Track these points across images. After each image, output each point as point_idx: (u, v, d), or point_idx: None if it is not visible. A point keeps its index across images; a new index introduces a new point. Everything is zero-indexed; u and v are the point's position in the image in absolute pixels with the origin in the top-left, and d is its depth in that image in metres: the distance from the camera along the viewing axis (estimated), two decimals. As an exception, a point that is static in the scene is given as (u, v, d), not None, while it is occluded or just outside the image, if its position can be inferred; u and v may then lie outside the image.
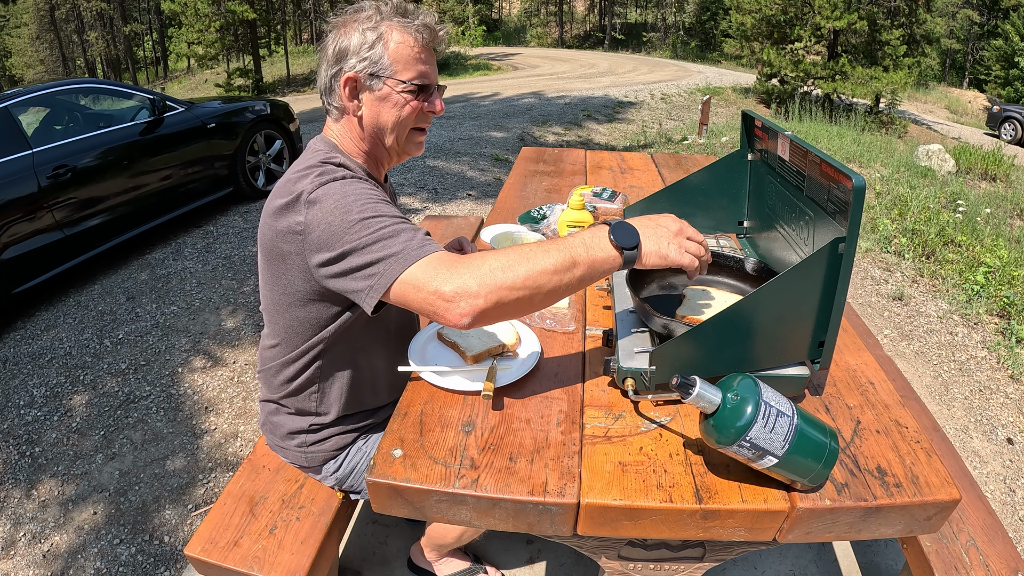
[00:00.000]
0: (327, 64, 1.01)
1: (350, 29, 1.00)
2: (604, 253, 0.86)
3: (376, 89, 1.00)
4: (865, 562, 1.73)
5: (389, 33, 0.99)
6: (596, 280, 0.88)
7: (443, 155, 6.20)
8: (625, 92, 11.45)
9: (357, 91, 1.01)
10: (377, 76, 0.99)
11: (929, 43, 13.54)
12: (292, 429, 1.23)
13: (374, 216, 0.89)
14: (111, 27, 29.18)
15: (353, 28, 0.99)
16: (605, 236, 0.86)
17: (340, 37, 1.00)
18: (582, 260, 0.85)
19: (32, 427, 2.35)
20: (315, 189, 0.92)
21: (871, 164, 6.11)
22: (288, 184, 0.97)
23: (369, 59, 0.98)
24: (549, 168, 2.37)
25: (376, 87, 1.00)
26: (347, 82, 0.99)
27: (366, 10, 1.01)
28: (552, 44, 33.43)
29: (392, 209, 0.93)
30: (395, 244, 0.86)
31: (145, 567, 1.78)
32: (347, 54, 0.99)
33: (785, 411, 0.79)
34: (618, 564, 1.00)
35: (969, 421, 2.44)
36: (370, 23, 0.99)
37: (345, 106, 1.02)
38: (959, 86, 26.51)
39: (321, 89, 1.04)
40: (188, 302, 3.25)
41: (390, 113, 1.02)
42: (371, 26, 0.98)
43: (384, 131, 1.04)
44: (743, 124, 1.35)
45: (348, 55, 0.99)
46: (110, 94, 3.97)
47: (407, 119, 1.03)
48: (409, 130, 1.06)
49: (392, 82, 1.00)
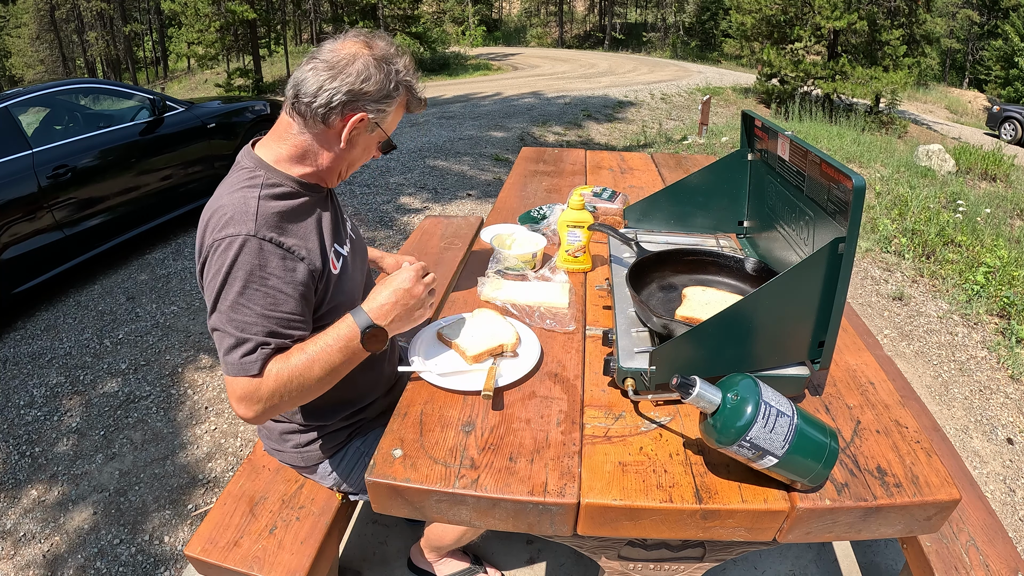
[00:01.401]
0: (341, 79, 0.99)
1: (383, 66, 1.02)
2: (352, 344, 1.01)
3: (368, 136, 1.07)
4: (865, 562, 1.73)
5: (402, 99, 1.07)
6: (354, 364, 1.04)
7: (443, 155, 6.20)
8: (625, 92, 11.46)
9: (353, 128, 1.03)
10: (378, 127, 1.07)
11: (929, 43, 13.53)
12: (284, 431, 1.24)
13: (245, 306, 0.96)
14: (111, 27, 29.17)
15: (385, 69, 1.02)
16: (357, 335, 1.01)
17: (370, 62, 1.01)
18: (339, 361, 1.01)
19: (32, 427, 2.35)
20: (222, 238, 0.96)
21: (871, 164, 6.11)
22: (212, 212, 0.99)
23: (380, 111, 1.04)
24: (549, 168, 2.37)
25: (369, 134, 1.07)
26: (360, 120, 1.02)
27: (392, 49, 1.05)
28: (552, 44, 33.44)
29: (268, 297, 0.97)
30: (236, 352, 0.95)
31: (145, 567, 1.78)
32: (367, 96, 1.01)
33: (785, 411, 0.79)
34: (618, 564, 1.00)
35: (969, 421, 2.44)
36: (394, 78, 1.04)
37: (336, 132, 1.04)
38: (959, 86, 26.52)
39: (309, 93, 0.99)
40: (188, 302, 3.25)
41: (363, 155, 1.11)
42: (394, 85, 1.04)
43: (350, 165, 1.11)
44: (743, 124, 1.35)
45: (368, 98, 1.02)
46: (110, 94, 3.97)
47: (362, 161, 1.13)
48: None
49: (379, 135, 1.09)
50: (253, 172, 1.03)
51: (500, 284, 1.35)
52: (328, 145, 1.05)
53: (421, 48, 17.59)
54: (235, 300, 0.95)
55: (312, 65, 1.00)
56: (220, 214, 0.97)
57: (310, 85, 0.99)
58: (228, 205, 0.98)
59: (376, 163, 5.89)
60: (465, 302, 1.32)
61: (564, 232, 1.41)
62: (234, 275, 0.95)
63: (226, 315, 0.95)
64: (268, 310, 0.96)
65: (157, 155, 3.75)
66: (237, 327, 0.95)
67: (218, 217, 0.97)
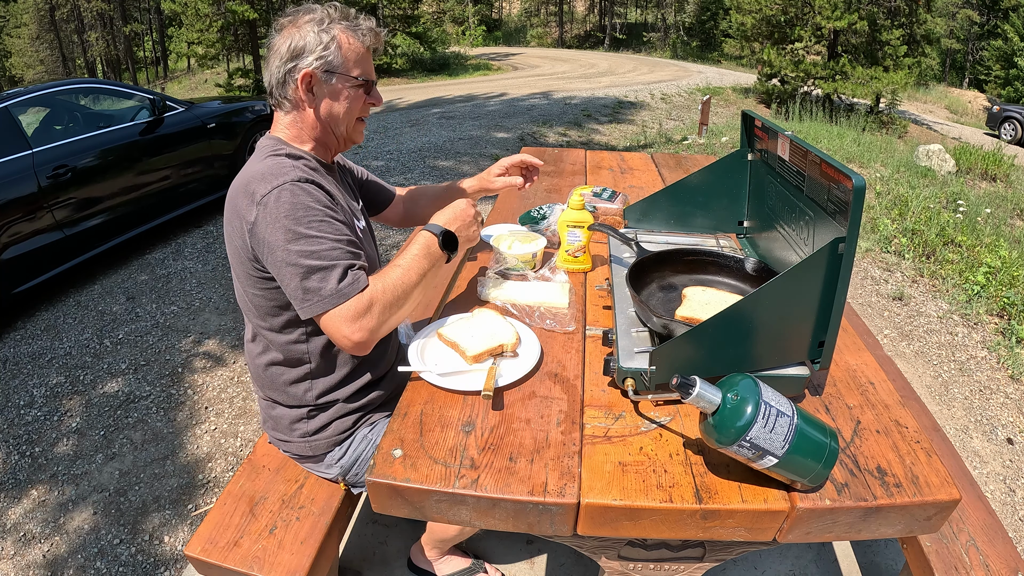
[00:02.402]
0: (280, 60, 1.08)
1: (304, 30, 1.08)
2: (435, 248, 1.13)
3: (330, 84, 1.11)
4: (865, 562, 1.73)
5: (341, 36, 1.10)
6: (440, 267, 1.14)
7: (444, 155, 6.20)
8: (625, 92, 11.46)
9: (312, 86, 1.10)
10: (331, 73, 1.10)
11: (929, 43, 13.53)
12: (292, 419, 1.24)
13: (317, 236, 1.00)
14: (111, 27, 29.17)
15: (307, 29, 1.08)
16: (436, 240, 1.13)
17: (294, 35, 1.08)
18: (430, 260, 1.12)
19: (32, 427, 2.35)
20: (268, 192, 1.00)
21: (871, 164, 6.11)
22: (244, 183, 1.04)
23: (325, 58, 1.08)
24: (549, 168, 2.37)
25: (330, 83, 1.11)
26: (304, 77, 1.08)
27: (316, 12, 1.10)
28: (552, 44, 33.43)
29: (332, 225, 1.03)
30: (328, 281, 0.99)
31: (145, 567, 1.78)
32: (303, 52, 1.07)
33: (785, 411, 0.79)
34: (618, 564, 1.00)
35: (969, 421, 2.44)
36: (323, 25, 1.09)
37: (299, 99, 1.11)
38: (959, 86, 26.51)
39: (272, 83, 1.11)
40: (188, 302, 3.25)
41: (342, 105, 1.14)
42: (324, 28, 1.08)
43: (336, 120, 1.15)
44: (743, 124, 1.35)
45: (305, 53, 1.07)
46: (110, 94, 3.98)
47: (355, 110, 1.16)
48: (355, 120, 1.19)
49: (343, 78, 1.12)
50: (275, 147, 1.12)
51: (500, 284, 1.35)
52: (303, 116, 1.13)
53: (421, 48, 17.58)
54: (305, 236, 0.99)
55: (266, 64, 1.12)
56: (256, 178, 1.03)
57: (269, 78, 1.12)
58: (261, 169, 1.05)
59: (376, 163, 5.89)
60: (465, 302, 1.32)
61: (564, 232, 1.41)
62: (295, 215, 0.99)
63: (300, 254, 0.99)
64: (338, 236, 1.02)
65: (157, 155, 3.76)
66: (318, 259, 0.99)
67: (256, 181, 1.03)
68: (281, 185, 1.00)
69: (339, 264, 1.00)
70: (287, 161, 1.07)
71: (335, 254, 1.00)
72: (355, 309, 0.99)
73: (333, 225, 1.03)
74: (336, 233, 1.02)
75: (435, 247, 1.12)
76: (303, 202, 1.00)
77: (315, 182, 1.05)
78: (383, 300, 1.02)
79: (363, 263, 1.04)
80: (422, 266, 1.09)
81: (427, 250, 1.11)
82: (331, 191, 1.09)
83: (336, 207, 1.08)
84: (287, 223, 0.99)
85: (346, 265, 1.00)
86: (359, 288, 1.00)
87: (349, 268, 1.01)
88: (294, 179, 1.02)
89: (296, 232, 0.99)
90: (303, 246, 0.98)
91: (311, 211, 1.01)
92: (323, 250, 0.99)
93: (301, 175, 1.03)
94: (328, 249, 1.00)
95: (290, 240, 0.98)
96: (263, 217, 1.00)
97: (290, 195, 1.00)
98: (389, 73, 15.84)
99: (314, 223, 1.00)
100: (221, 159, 4.21)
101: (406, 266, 1.07)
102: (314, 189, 1.03)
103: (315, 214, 1.01)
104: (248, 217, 1.01)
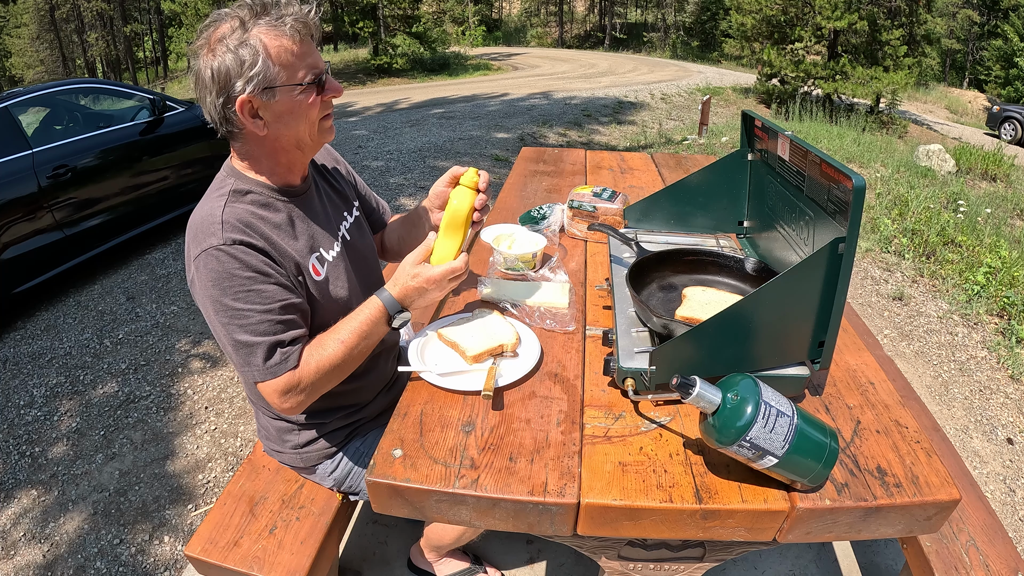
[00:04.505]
0: (211, 94, 0.94)
1: (219, 51, 0.92)
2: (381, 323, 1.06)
3: (274, 101, 0.95)
4: (865, 562, 1.73)
5: (263, 42, 0.92)
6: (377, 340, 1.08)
7: (444, 155, 6.20)
8: (625, 92, 11.46)
9: (256, 110, 0.95)
10: (270, 89, 0.94)
11: (929, 43, 13.53)
12: (283, 431, 1.24)
13: (243, 308, 0.95)
14: (111, 27, 29.15)
15: (222, 49, 0.91)
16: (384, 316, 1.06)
17: (212, 62, 0.92)
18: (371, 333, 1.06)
19: (32, 427, 2.35)
20: (198, 255, 0.95)
21: (871, 164, 6.11)
22: (190, 228, 0.99)
23: (255, 77, 0.92)
24: (549, 168, 2.37)
25: (273, 99, 0.95)
26: (243, 106, 0.94)
27: (225, 22, 0.93)
28: (552, 44, 33.43)
29: (261, 295, 0.96)
30: (255, 356, 0.96)
31: (145, 567, 1.78)
32: (229, 79, 0.92)
33: (785, 411, 0.79)
34: (618, 564, 1.00)
35: (969, 421, 2.44)
36: (237, 38, 0.91)
37: (248, 129, 0.98)
38: (959, 86, 26.50)
39: (214, 120, 0.98)
40: (188, 302, 3.25)
41: (297, 117, 0.98)
42: (241, 41, 0.91)
43: (297, 135, 1.01)
44: (743, 124, 1.35)
45: (231, 79, 0.92)
46: (110, 94, 3.98)
47: (313, 114, 1.00)
48: (319, 122, 1.03)
49: (286, 89, 0.95)
50: (224, 180, 1.05)
51: (500, 284, 1.35)
52: (261, 141, 1.01)
53: (421, 48, 17.58)
54: (231, 309, 0.95)
55: (199, 98, 0.98)
56: (194, 227, 0.99)
57: (208, 116, 0.99)
58: (199, 218, 0.99)
59: (376, 163, 5.89)
60: (465, 302, 1.32)
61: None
62: (221, 286, 0.94)
63: (230, 327, 0.95)
64: (267, 305, 0.96)
65: (157, 155, 3.75)
66: (246, 332, 0.95)
67: (193, 232, 0.98)
68: (207, 250, 0.94)
69: (265, 341, 0.95)
70: (218, 212, 0.97)
71: (262, 328, 0.95)
72: (284, 385, 0.97)
73: (262, 294, 0.95)
74: (265, 302, 0.96)
75: (383, 323, 1.05)
76: (228, 270, 0.94)
77: (245, 242, 0.95)
78: (313, 379, 0.99)
79: (296, 333, 0.99)
80: (365, 337, 1.04)
81: (373, 325, 1.04)
82: (272, 237, 1.00)
83: (271, 265, 0.98)
84: (214, 293, 0.94)
85: (272, 343, 0.96)
86: (288, 367, 0.97)
87: (278, 345, 0.96)
88: (219, 244, 0.94)
89: (222, 304, 0.94)
90: (230, 319, 0.95)
91: (235, 280, 0.94)
92: (250, 324, 0.95)
93: (227, 237, 0.94)
94: (255, 323, 0.95)
95: (217, 311, 0.95)
96: (196, 279, 0.96)
97: (216, 262, 0.93)
98: (389, 73, 15.84)
99: (240, 293, 0.94)
100: (221, 159, 4.13)
101: (347, 339, 1.02)
102: (242, 252, 0.95)
103: (241, 283, 0.94)
104: (188, 272, 0.99)
